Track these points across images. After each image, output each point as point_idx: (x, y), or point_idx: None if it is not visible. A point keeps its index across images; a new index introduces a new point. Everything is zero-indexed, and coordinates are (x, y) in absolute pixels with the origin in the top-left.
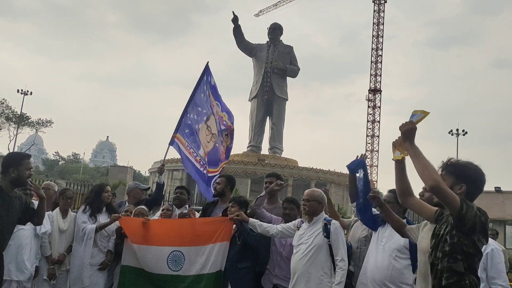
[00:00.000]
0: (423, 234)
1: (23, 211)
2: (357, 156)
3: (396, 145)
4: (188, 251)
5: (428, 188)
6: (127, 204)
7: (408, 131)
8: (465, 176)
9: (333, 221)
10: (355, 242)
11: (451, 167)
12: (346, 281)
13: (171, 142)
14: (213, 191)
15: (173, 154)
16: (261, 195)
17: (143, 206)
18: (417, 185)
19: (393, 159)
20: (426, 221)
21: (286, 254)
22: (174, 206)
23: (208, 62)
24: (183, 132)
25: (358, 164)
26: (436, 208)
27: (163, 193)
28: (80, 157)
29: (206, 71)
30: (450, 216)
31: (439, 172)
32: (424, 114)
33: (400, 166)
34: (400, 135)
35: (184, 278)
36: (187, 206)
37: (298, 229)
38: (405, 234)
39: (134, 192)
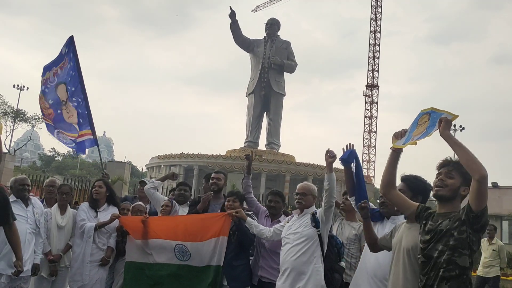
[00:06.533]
0: (403, 233)
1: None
2: (344, 148)
3: (398, 136)
4: (192, 246)
5: (478, 177)
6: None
7: (449, 121)
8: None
9: (319, 209)
10: (344, 240)
11: (462, 167)
12: (337, 277)
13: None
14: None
15: (170, 149)
16: (243, 178)
17: (140, 203)
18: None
19: (394, 148)
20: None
21: (269, 246)
22: (174, 202)
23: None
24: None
25: (350, 154)
26: (417, 204)
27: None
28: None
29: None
30: (452, 213)
31: (441, 169)
32: (453, 116)
33: (396, 157)
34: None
35: (192, 268)
36: (188, 202)
37: (288, 222)
38: (378, 248)
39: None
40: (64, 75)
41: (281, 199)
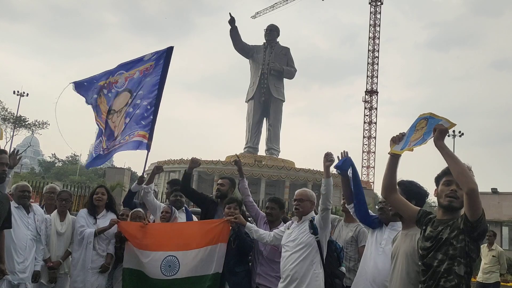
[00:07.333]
0: (400, 240)
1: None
2: (339, 156)
3: (395, 140)
4: (183, 255)
5: (467, 190)
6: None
7: (444, 131)
8: None
9: (316, 216)
10: (341, 243)
11: None
12: (337, 282)
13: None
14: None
15: (170, 155)
16: (238, 183)
17: (139, 209)
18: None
19: (391, 153)
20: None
21: (267, 254)
22: (174, 208)
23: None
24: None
25: (345, 162)
26: (418, 208)
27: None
28: (78, 159)
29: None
30: (452, 220)
31: (450, 177)
32: (451, 124)
33: (395, 161)
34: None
35: (181, 280)
36: (184, 208)
37: (289, 229)
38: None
39: None
40: (139, 81)
41: (279, 206)
